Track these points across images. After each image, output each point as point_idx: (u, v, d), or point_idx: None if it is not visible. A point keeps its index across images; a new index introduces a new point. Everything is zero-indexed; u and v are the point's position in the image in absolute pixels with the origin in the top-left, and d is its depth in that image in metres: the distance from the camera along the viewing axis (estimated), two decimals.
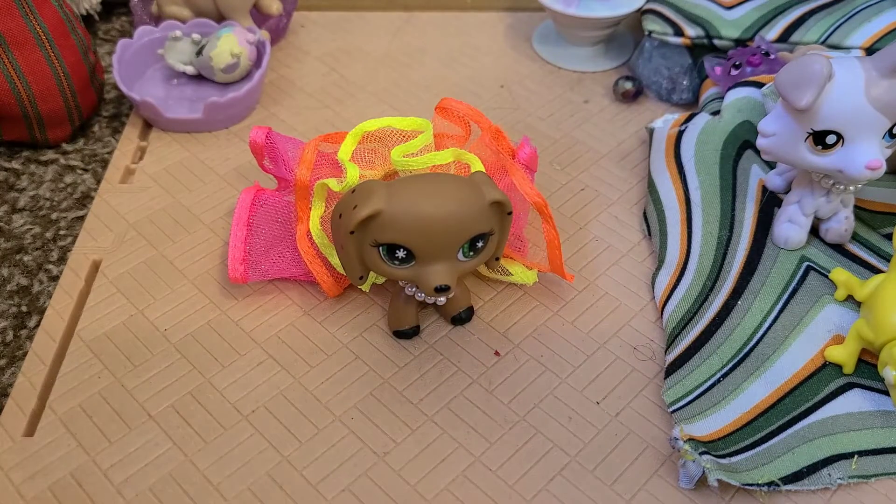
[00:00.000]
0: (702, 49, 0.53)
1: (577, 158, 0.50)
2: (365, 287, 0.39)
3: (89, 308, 0.41)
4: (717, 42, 0.52)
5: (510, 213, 0.35)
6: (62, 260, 0.44)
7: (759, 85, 0.47)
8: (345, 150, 0.40)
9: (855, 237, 0.43)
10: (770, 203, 0.44)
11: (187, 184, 0.48)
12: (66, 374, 0.38)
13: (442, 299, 0.37)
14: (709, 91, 0.51)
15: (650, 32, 0.53)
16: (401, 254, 0.34)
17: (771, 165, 0.46)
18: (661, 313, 0.40)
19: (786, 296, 0.40)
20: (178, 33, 0.53)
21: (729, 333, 0.39)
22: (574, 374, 0.38)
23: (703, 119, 0.48)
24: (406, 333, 0.39)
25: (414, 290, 0.38)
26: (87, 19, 0.61)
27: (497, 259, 0.38)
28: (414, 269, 0.35)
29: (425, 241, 0.34)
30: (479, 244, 0.35)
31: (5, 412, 0.36)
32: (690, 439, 0.34)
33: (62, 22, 0.48)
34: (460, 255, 0.35)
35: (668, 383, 0.37)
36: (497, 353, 0.39)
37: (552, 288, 0.42)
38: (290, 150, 0.42)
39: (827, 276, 0.41)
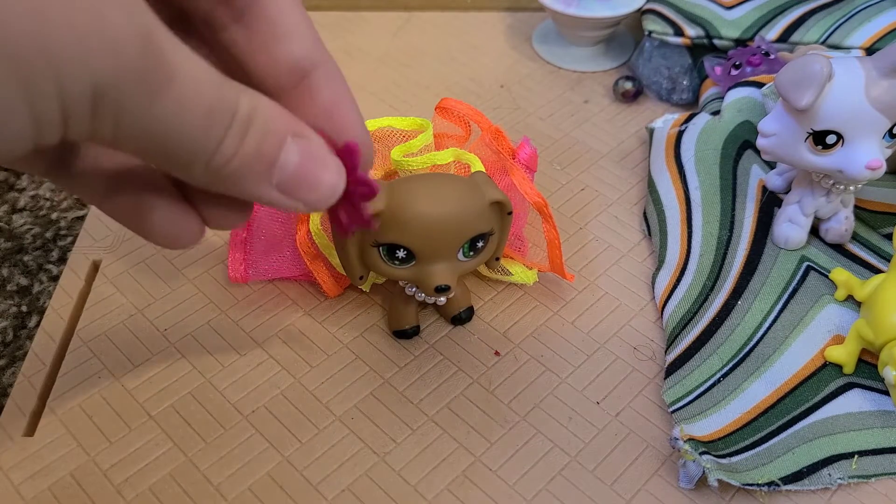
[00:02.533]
0: (702, 49, 0.53)
1: (577, 158, 0.50)
2: (365, 287, 0.39)
3: (89, 308, 0.41)
4: (717, 42, 0.52)
5: (510, 213, 0.35)
6: (62, 260, 0.44)
7: (759, 85, 0.47)
8: None
9: (855, 237, 0.43)
10: (770, 203, 0.44)
11: None
12: (66, 374, 0.38)
13: (442, 299, 0.37)
14: (709, 91, 0.51)
15: (650, 32, 0.53)
16: (401, 254, 0.34)
17: (771, 165, 0.46)
18: (661, 313, 0.40)
19: (786, 296, 0.40)
20: None
21: (729, 333, 0.39)
22: (574, 374, 0.38)
23: (703, 119, 0.48)
24: (406, 333, 0.39)
25: (414, 290, 0.38)
26: None
27: (497, 259, 0.38)
28: (414, 269, 0.35)
29: (425, 241, 0.34)
30: (480, 244, 0.35)
31: (5, 412, 0.36)
32: (690, 439, 0.34)
33: None
34: (460, 255, 0.35)
35: (668, 383, 0.37)
36: (497, 353, 0.39)
37: (552, 288, 0.42)
38: None
39: (827, 276, 0.41)
